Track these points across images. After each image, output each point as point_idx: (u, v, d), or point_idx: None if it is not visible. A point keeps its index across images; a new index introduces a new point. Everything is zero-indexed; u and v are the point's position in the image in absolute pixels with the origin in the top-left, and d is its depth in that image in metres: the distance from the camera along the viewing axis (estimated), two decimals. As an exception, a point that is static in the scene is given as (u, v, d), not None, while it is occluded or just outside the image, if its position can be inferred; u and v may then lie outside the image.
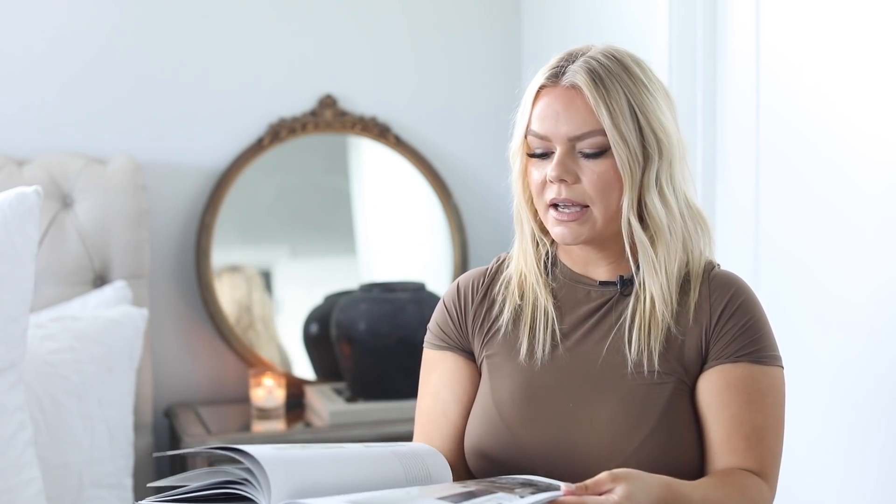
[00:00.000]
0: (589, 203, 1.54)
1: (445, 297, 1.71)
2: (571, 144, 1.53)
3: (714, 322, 1.56)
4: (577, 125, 1.53)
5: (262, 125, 3.01)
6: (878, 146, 1.96)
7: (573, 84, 1.53)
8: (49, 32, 2.84)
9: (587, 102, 1.52)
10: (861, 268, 2.01)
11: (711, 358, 1.56)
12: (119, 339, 2.54)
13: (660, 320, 1.56)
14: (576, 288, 1.63)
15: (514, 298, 1.64)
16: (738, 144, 2.32)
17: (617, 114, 1.51)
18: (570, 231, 1.55)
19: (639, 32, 2.56)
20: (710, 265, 1.62)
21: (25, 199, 2.21)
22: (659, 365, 1.55)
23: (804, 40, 2.13)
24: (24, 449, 2.18)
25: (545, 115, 1.55)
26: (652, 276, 1.56)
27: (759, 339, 1.57)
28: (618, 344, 1.57)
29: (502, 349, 1.63)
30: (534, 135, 1.56)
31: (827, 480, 2.11)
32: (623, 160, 1.52)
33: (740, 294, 1.58)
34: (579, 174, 1.53)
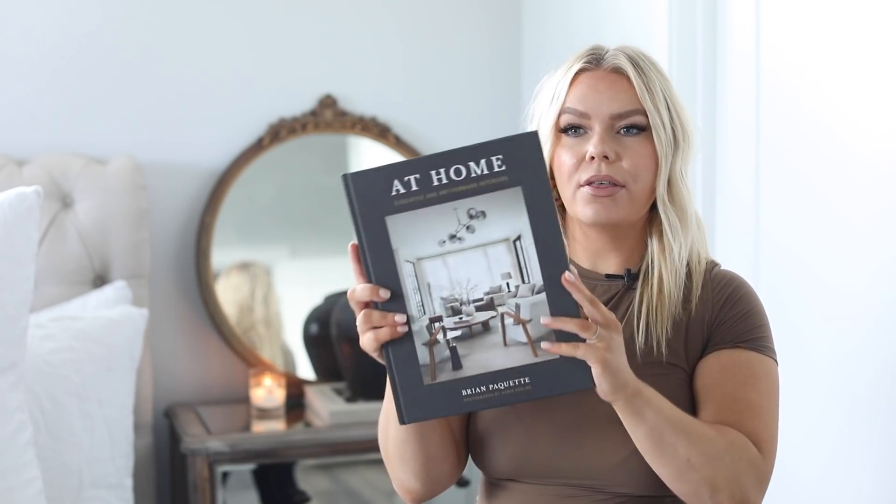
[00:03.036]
0: (626, 182, 1.55)
1: None
2: (612, 123, 1.56)
3: (716, 312, 1.58)
4: (622, 104, 1.56)
5: (262, 125, 3.01)
6: (878, 143, 1.96)
7: (616, 67, 1.57)
8: (50, 33, 2.84)
9: (631, 84, 1.56)
10: (860, 263, 2.01)
11: (711, 345, 1.57)
12: (119, 339, 2.54)
13: (666, 305, 1.57)
14: (584, 283, 1.63)
15: None
16: (738, 142, 2.32)
17: (657, 97, 1.56)
18: (605, 208, 1.55)
19: (639, 30, 2.56)
20: (713, 263, 1.64)
21: (25, 199, 2.21)
22: (666, 353, 1.56)
23: (804, 39, 2.13)
24: (23, 449, 2.18)
25: (587, 94, 1.57)
26: (667, 259, 1.58)
27: (759, 328, 1.58)
28: (627, 334, 1.56)
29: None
30: (572, 112, 1.57)
31: (825, 473, 2.11)
32: (661, 141, 1.56)
33: (742, 287, 1.61)
34: (619, 151, 1.55)
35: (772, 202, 2.23)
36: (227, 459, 2.66)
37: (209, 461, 2.63)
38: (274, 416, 2.80)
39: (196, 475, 2.64)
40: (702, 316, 1.58)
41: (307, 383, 2.97)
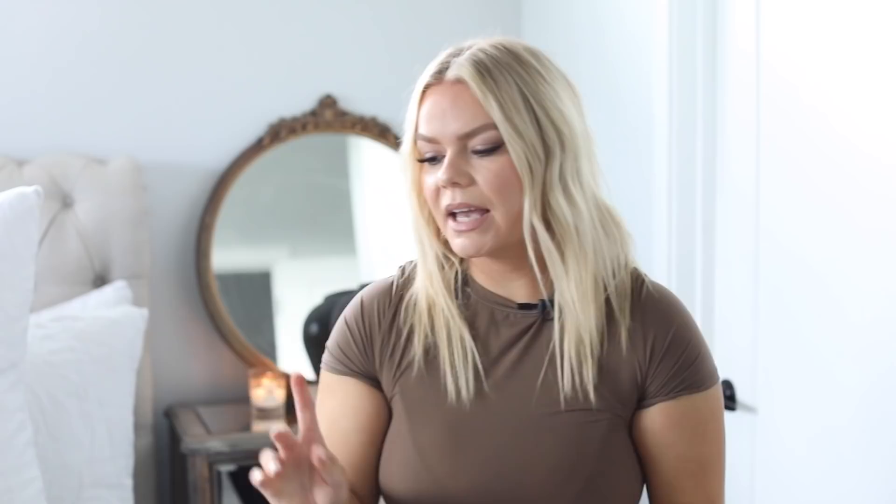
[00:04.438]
0: (489, 206, 1.38)
1: (348, 314, 1.55)
2: (462, 144, 1.39)
3: (649, 357, 1.44)
4: (466, 121, 1.39)
5: (262, 125, 3.00)
6: (880, 143, 1.96)
7: (458, 78, 1.40)
8: (49, 32, 2.84)
9: (474, 96, 1.38)
10: (861, 263, 2.01)
11: (650, 395, 1.45)
12: (119, 339, 2.54)
13: (587, 345, 1.42)
14: (493, 310, 1.47)
15: (425, 328, 1.47)
16: (738, 141, 2.32)
17: (509, 105, 1.37)
18: (472, 241, 1.39)
19: (639, 29, 2.56)
20: (638, 279, 1.48)
21: (26, 200, 2.21)
22: (595, 399, 1.42)
23: (804, 38, 2.13)
24: (24, 449, 2.18)
25: (432, 114, 1.41)
26: (565, 289, 1.41)
27: (696, 366, 1.45)
28: (549, 377, 1.43)
29: (419, 388, 1.47)
30: (422, 139, 1.42)
31: (827, 480, 2.11)
32: (520, 155, 1.37)
33: (673, 320, 1.46)
34: (474, 175, 1.39)
35: (772, 202, 2.23)
36: (227, 459, 2.66)
37: (209, 461, 2.63)
38: (274, 416, 2.80)
39: (196, 475, 2.64)
40: (632, 356, 1.44)
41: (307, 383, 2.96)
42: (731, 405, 2.34)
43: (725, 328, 2.38)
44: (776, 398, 2.24)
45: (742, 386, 2.32)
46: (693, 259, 2.43)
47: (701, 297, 2.42)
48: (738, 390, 2.33)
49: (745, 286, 2.30)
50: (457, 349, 1.45)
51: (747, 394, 2.31)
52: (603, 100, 2.75)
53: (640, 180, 2.58)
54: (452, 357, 1.46)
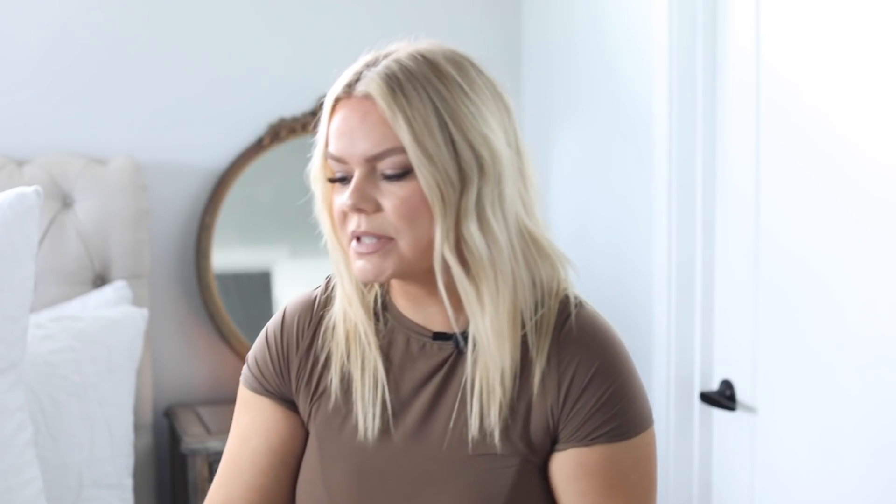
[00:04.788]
0: (393, 235, 1.28)
1: (269, 329, 1.47)
2: (371, 166, 1.28)
3: (563, 398, 1.32)
4: (374, 142, 1.27)
5: (262, 125, 3.00)
6: (880, 143, 1.96)
7: (366, 94, 1.27)
8: (49, 32, 2.84)
9: (383, 115, 1.26)
10: (861, 263, 2.01)
11: (562, 440, 1.33)
12: (119, 340, 2.54)
13: (498, 386, 1.31)
14: (409, 338, 1.38)
15: (342, 355, 1.39)
16: (738, 140, 2.31)
17: (420, 126, 1.25)
18: (372, 265, 1.29)
19: (639, 27, 2.56)
20: (564, 311, 1.35)
21: (25, 200, 2.20)
22: (501, 444, 1.32)
23: (804, 36, 2.13)
24: (23, 449, 2.18)
25: (340, 132, 1.29)
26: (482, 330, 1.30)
27: (619, 412, 1.32)
28: (460, 418, 1.34)
29: (333, 419, 1.40)
30: (331, 157, 1.31)
31: (828, 480, 2.11)
32: (430, 182, 1.25)
33: (594, 358, 1.33)
34: (381, 200, 1.28)
35: (772, 201, 2.23)
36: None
37: (209, 461, 2.63)
38: (274, 416, 2.80)
39: (196, 475, 2.64)
40: (545, 397, 1.32)
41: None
42: (731, 405, 2.34)
43: (725, 328, 2.38)
44: (776, 398, 2.24)
45: (742, 386, 2.32)
46: (693, 259, 2.43)
47: (701, 297, 2.42)
48: (738, 390, 2.33)
49: (745, 286, 2.30)
50: (369, 383, 1.37)
51: (747, 394, 2.31)
52: (603, 99, 2.74)
53: (640, 180, 2.57)
54: (364, 391, 1.37)
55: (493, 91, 1.34)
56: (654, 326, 2.51)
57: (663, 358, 2.48)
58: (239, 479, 1.45)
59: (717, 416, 2.41)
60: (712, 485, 2.44)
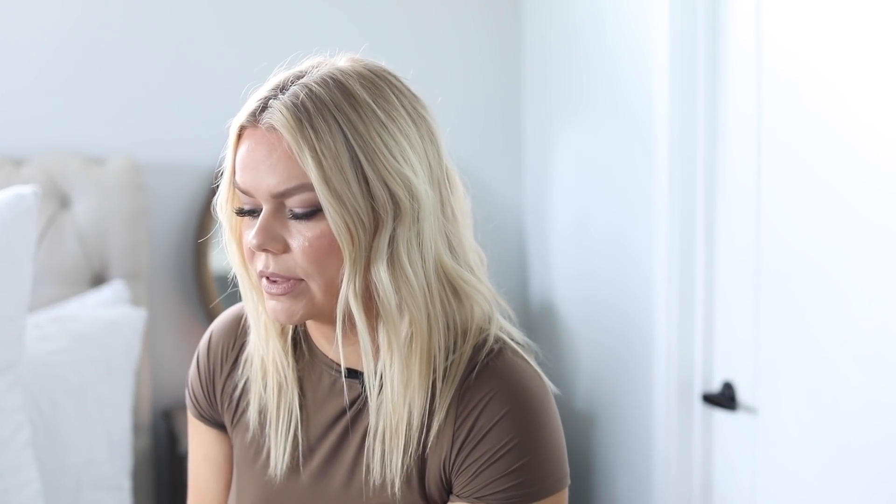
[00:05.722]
0: (303, 276, 1.20)
1: (199, 350, 1.43)
2: (278, 202, 1.19)
3: (458, 447, 1.23)
4: (281, 179, 1.17)
5: (260, 125, 3.00)
6: (883, 136, 1.95)
7: (272, 126, 1.19)
8: (47, 31, 2.83)
9: (290, 149, 1.17)
10: (865, 257, 2.00)
11: (454, 492, 1.24)
12: (117, 340, 2.53)
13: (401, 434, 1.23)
14: (323, 373, 1.32)
15: (259, 386, 1.34)
16: (739, 137, 2.31)
17: (329, 163, 1.15)
18: (284, 307, 1.20)
19: (640, 22, 2.55)
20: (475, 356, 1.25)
21: (23, 200, 2.20)
22: (400, 495, 1.25)
23: (806, 30, 2.13)
24: (21, 450, 2.17)
25: (246, 164, 1.20)
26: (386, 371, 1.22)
27: (519, 470, 1.20)
28: (361, 464, 1.27)
29: (248, 450, 1.36)
30: (237, 187, 1.22)
31: (829, 481, 2.11)
32: (338, 223, 1.16)
33: (499, 407, 1.21)
34: (289, 240, 1.19)
35: (774, 197, 2.22)
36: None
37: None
38: (273, 417, 2.79)
39: (195, 476, 2.63)
40: (439, 448, 1.24)
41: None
42: (731, 405, 2.33)
43: (727, 329, 2.37)
44: (778, 399, 2.23)
45: (743, 386, 2.32)
46: (694, 258, 2.42)
47: (702, 295, 2.41)
48: (740, 391, 2.33)
49: (746, 284, 2.29)
50: (283, 419, 1.32)
51: (748, 394, 2.30)
52: (604, 95, 2.74)
53: (640, 177, 2.57)
54: (279, 424, 1.32)
55: (415, 116, 1.23)
56: (654, 327, 2.51)
57: (664, 359, 2.47)
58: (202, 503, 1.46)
59: (719, 417, 2.41)
60: (713, 486, 2.43)
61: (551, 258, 3.02)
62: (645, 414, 2.57)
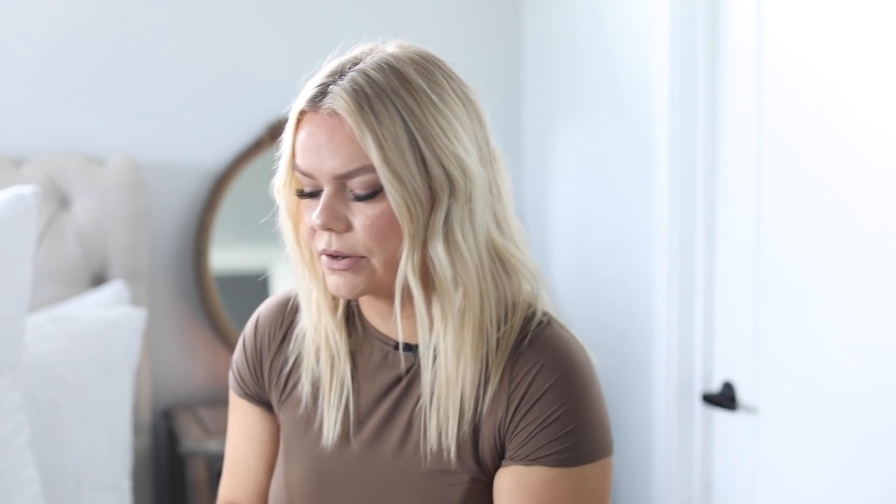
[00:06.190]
0: (365, 254, 1.26)
1: (246, 333, 1.47)
2: (340, 183, 1.25)
3: (510, 415, 1.28)
4: (343, 161, 1.24)
5: (260, 125, 3.00)
6: (883, 135, 1.95)
7: (335, 111, 1.25)
8: (47, 32, 2.83)
9: (352, 133, 1.23)
10: (865, 256, 2.00)
11: (506, 456, 1.30)
12: (117, 340, 2.53)
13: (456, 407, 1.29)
14: (374, 347, 1.37)
15: (311, 361, 1.39)
16: (740, 135, 2.31)
17: (390, 145, 1.22)
18: (346, 281, 1.27)
19: (640, 20, 2.55)
20: (527, 328, 1.32)
21: (23, 200, 2.20)
22: (454, 461, 1.30)
23: (806, 29, 2.13)
24: (21, 450, 2.17)
25: (307, 147, 1.27)
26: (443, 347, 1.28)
27: (568, 434, 1.27)
28: (416, 432, 1.32)
29: (299, 422, 1.40)
30: (298, 170, 1.29)
31: (829, 482, 2.10)
32: (399, 202, 1.23)
33: (551, 373, 1.28)
34: (351, 219, 1.26)
35: (774, 196, 2.22)
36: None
37: (208, 462, 2.63)
38: (273, 417, 2.79)
39: (194, 476, 2.63)
40: (494, 414, 1.29)
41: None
42: (731, 405, 2.33)
43: (727, 328, 2.37)
44: (778, 399, 2.23)
45: (743, 386, 2.32)
46: (694, 256, 2.42)
47: (702, 295, 2.41)
48: (740, 391, 2.32)
49: (746, 284, 2.29)
50: (335, 390, 1.37)
51: (748, 394, 2.30)
52: (604, 94, 2.74)
53: (641, 177, 2.57)
54: (331, 395, 1.37)
55: (464, 99, 1.31)
56: (654, 326, 2.50)
57: (664, 358, 2.47)
58: (239, 484, 1.47)
59: (719, 417, 2.41)
60: (714, 486, 2.43)
61: (551, 257, 3.02)
62: (645, 414, 2.57)
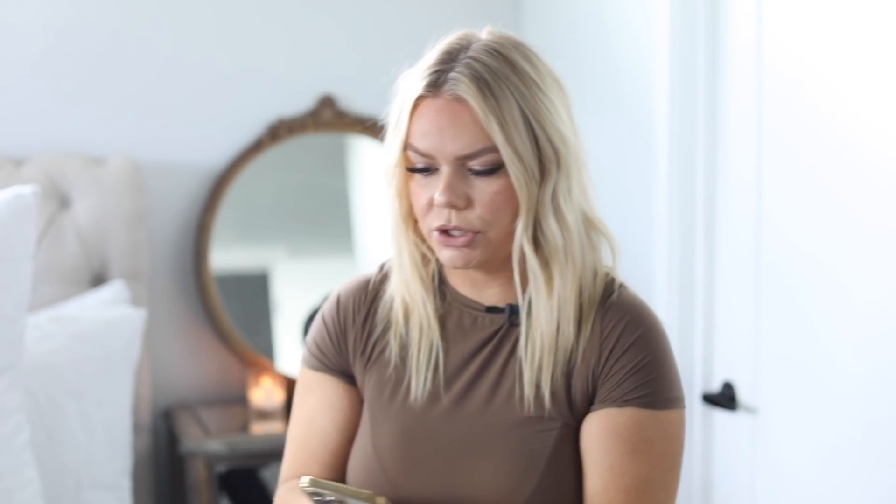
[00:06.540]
0: (481, 228, 1.37)
1: (325, 311, 1.55)
2: (460, 163, 1.35)
3: (603, 361, 1.40)
4: (467, 143, 1.34)
5: (261, 125, 3.00)
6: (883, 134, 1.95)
7: (457, 96, 1.34)
8: (47, 32, 2.83)
9: (476, 117, 1.33)
10: (865, 254, 2.00)
11: (598, 400, 1.41)
12: (117, 340, 2.53)
13: (550, 357, 1.40)
14: (463, 313, 1.47)
15: (399, 327, 1.48)
16: (739, 133, 2.31)
17: (510, 126, 1.33)
18: (462, 255, 1.38)
19: (640, 19, 2.55)
20: (610, 288, 1.44)
21: (23, 200, 2.20)
22: (550, 406, 1.40)
23: (805, 28, 2.13)
24: (21, 450, 2.17)
25: (427, 130, 1.36)
26: (544, 307, 1.40)
27: (653, 380, 1.39)
28: (507, 386, 1.42)
29: (386, 387, 1.48)
30: (415, 150, 1.37)
31: (829, 482, 2.10)
32: (520, 179, 1.34)
33: (636, 327, 1.42)
34: (471, 195, 1.36)
35: (774, 194, 2.22)
36: (225, 461, 2.65)
37: (207, 462, 2.63)
38: (273, 418, 2.79)
39: (194, 476, 2.63)
40: (587, 361, 1.41)
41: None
42: (731, 405, 2.33)
43: (727, 327, 2.37)
44: (778, 399, 2.23)
45: (743, 386, 2.32)
46: (694, 256, 2.42)
47: (702, 295, 2.41)
48: (739, 390, 2.32)
49: (746, 284, 2.29)
50: (424, 352, 1.46)
51: (748, 394, 2.30)
52: (604, 92, 2.74)
53: (640, 176, 2.57)
54: (419, 359, 1.46)
55: (555, 79, 1.41)
56: (654, 327, 2.50)
57: (664, 358, 2.46)
58: (314, 459, 1.51)
59: (719, 417, 2.41)
60: (714, 486, 2.43)
61: (551, 258, 3.02)
62: (645, 414, 2.57)
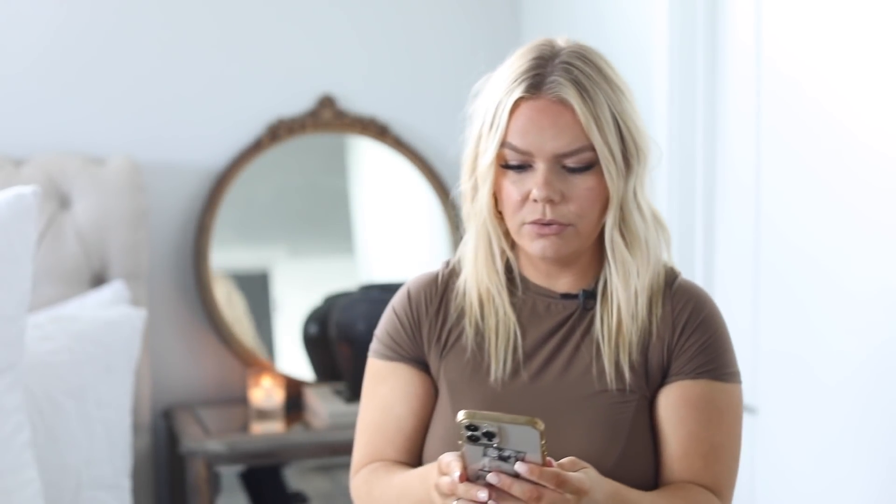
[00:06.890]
0: (573, 221, 1.47)
1: (395, 303, 1.64)
2: (557, 160, 1.45)
3: (676, 338, 1.52)
4: (567, 142, 1.44)
5: (260, 125, 3.00)
6: (881, 134, 1.95)
7: (561, 98, 1.44)
8: (47, 32, 2.83)
9: (576, 118, 1.44)
10: (864, 255, 2.00)
11: (672, 373, 1.52)
12: (117, 340, 2.53)
13: (626, 336, 1.51)
14: (536, 301, 1.57)
15: (475, 314, 1.57)
16: (739, 134, 2.31)
17: (605, 127, 1.44)
18: (552, 245, 1.48)
19: (639, 21, 2.55)
20: (672, 274, 1.57)
21: (23, 200, 2.20)
22: (629, 381, 1.51)
23: (804, 30, 2.13)
24: (21, 450, 2.17)
25: (527, 129, 1.45)
26: (624, 290, 1.51)
27: (720, 355, 1.53)
28: (584, 364, 1.53)
29: (465, 370, 1.56)
30: (513, 148, 1.46)
31: (829, 481, 2.11)
32: (612, 176, 1.46)
33: (702, 308, 1.54)
34: (565, 191, 1.46)
35: (773, 194, 2.22)
36: (225, 460, 2.65)
37: (207, 462, 2.63)
38: (273, 417, 2.79)
39: (194, 476, 2.63)
40: (662, 338, 1.53)
41: (306, 384, 2.96)
42: (731, 406, 2.33)
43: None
44: (778, 398, 2.23)
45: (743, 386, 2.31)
46: (693, 256, 2.42)
47: (701, 297, 2.41)
48: (739, 391, 2.32)
49: (746, 284, 2.29)
50: (502, 338, 1.54)
51: (748, 394, 2.30)
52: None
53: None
54: (497, 341, 1.54)
55: (626, 82, 1.51)
56: (654, 327, 2.50)
57: (664, 358, 2.47)
58: (390, 445, 1.58)
59: (718, 417, 2.40)
60: (713, 486, 2.43)
61: (551, 258, 3.02)
62: (644, 414, 2.57)
